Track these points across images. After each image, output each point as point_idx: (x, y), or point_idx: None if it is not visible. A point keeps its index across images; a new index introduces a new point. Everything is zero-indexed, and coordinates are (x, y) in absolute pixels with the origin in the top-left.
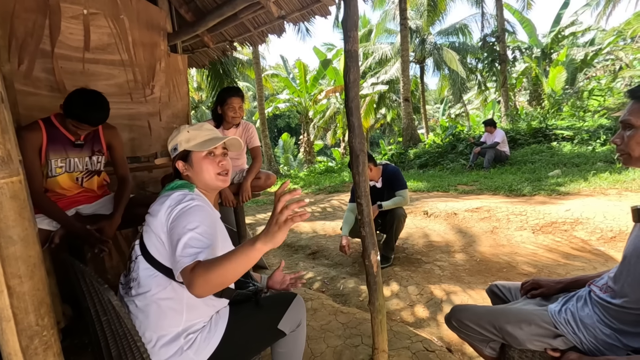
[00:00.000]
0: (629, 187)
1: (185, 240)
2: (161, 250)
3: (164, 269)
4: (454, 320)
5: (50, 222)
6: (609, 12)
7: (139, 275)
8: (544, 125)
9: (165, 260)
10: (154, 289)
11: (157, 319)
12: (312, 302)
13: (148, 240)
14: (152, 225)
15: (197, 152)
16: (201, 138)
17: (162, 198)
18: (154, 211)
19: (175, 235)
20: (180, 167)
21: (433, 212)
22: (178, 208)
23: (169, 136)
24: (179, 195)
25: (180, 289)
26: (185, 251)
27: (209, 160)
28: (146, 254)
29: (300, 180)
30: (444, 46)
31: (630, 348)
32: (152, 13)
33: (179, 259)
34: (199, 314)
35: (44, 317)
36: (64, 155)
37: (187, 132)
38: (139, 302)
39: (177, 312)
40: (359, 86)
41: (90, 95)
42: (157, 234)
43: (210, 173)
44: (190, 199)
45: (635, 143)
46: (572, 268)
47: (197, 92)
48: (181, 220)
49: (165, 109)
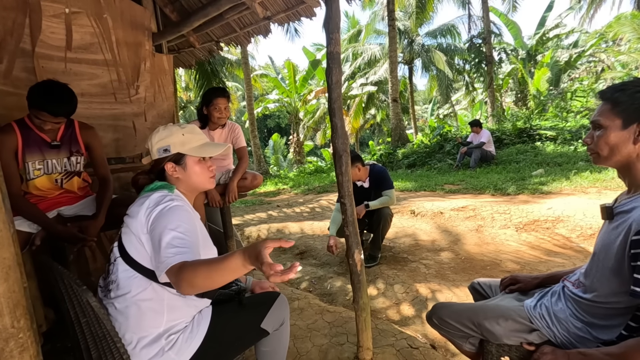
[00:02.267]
0: (608, 186)
1: (168, 240)
2: (141, 251)
3: (144, 270)
4: (435, 318)
5: (30, 224)
6: (592, 15)
7: (118, 277)
8: (528, 126)
9: (146, 261)
10: (134, 290)
11: (137, 320)
12: (298, 301)
13: (127, 241)
14: (132, 226)
15: (191, 156)
16: (196, 142)
17: (142, 199)
18: (132, 212)
19: (157, 235)
20: (170, 168)
21: (420, 212)
22: (158, 209)
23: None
24: (158, 197)
25: (160, 289)
26: (169, 251)
27: (202, 165)
28: (125, 255)
29: (289, 180)
30: (432, 47)
31: (600, 340)
32: (136, 12)
33: (164, 259)
34: (181, 314)
35: (20, 319)
36: (40, 157)
37: (182, 135)
38: (118, 304)
39: (158, 312)
40: (341, 87)
41: (53, 84)
42: (136, 235)
43: (203, 177)
44: (170, 200)
45: (604, 143)
46: (553, 264)
47: (186, 92)
48: (162, 221)
49: (150, 110)
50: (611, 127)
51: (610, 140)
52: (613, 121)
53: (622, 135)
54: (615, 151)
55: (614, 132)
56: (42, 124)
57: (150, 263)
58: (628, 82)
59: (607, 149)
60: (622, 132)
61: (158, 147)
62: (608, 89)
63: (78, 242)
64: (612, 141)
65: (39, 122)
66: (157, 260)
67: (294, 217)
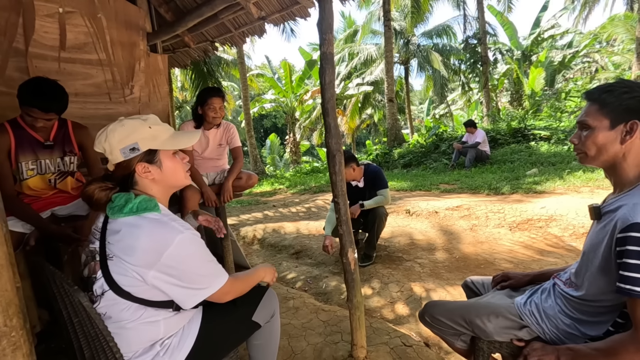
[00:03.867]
0: (600, 185)
1: (202, 272)
2: (139, 285)
3: (140, 300)
4: (427, 316)
5: (24, 224)
6: (586, 16)
7: (108, 310)
8: (523, 126)
9: (145, 294)
10: (129, 319)
11: (133, 339)
12: (293, 300)
13: (119, 275)
14: (127, 262)
15: (164, 151)
16: (166, 134)
17: (130, 229)
18: (125, 248)
19: (186, 278)
20: (141, 170)
21: (415, 211)
22: (169, 253)
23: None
24: (156, 228)
25: (156, 311)
26: (207, 279)
27: (176, 160)
28: (116, 288)
29: (286, 180)
30: (427, 48)
31: (588, 336)
32: (130, 12)
33: (206, 286)
34: (177, 324)
35: (12, 318)
36: (34, 157)
37: (148, 128)
38: (110, 329)
39: (155, 329)
40: (335, 87)
41: (42, 80)
42: (136, 271)
43: (180, 173)
44: (174, 232)
45: (592, 143)
46: (546, 263)
47: (182, 92)
48: (185, 267)
49: (145, 110)
50: (599, 127)
51: (598, 140)
52: (601, 122)
53: (610, 136)
54: (602, 151)
55: (602, 133)
56: (33, 121)
57: (148, 294)
58: (615, 82)
59: (595, 149)
60: (609, 133)
61: (122, 147)
62: (595, 90)
63: (72, 242)
64: (600, 141)
65: (31, 119)
66: (187, 292)
67: (290, 217)
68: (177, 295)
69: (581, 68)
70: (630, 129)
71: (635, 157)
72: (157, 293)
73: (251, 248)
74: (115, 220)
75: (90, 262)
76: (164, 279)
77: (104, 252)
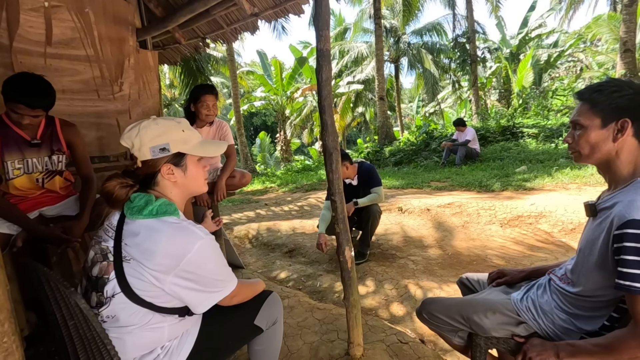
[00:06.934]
0: (587, 182)
1: (217, 277)
2: (155, 292)
3: (149, 305)
4: (425, 313)
5: (10, 225)
6: (571, 16)
7: (117, 314)
8: (511, 124)
9: (157, 299)
10: (137, 323)
11: (137, 344)
12: (288, 299)
13: (134, 278)
14: (145, 266)
15: (191, 156)
16: (196, 139)
17: (150, 232)
18: (145, 252)
19: (202, 282)
20: (166, 171)
21: (407, 209)
22: (189, 259)
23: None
24: (176, 233)
25: (162, 316)
26: (222, 283)
27: (200, 166)
28: (129, 292)
29: (277, 178)
30: (418, 46)
31: (584, 331)
32: (119, 7)
33: (220, 289)
34: (180, 329)
35: (3, 323)
36: (20, 156)
37: (182, 131)
38: (114, 333)
39: (159, 334)
40: (331, 85)
41: (27, 75)
42: (154, 276)
43: (201, 180)
44: (195, 238)
45: (585, 142)
46: (536, 259)
47: (170, 90)
48: (203, 272)
49: (135, 107)
50: (591, 126)
51: (591, 139)
52: (592, 120)
53: (602, 134)
54: (595, 149)
55: (594, 131)
56: (19, 118)
57: (161, 300)
58: (604, 82)
59: (588, 148)
60: (601, 131)
61: (152, 146)
62: (586, 90)
63: (62, 243)
64: (593, 140)
65: (17, 116)
66: (202, 296)
67: (282, 216)
68: (192, 300)
69: (567, 67)
70: (622, 127)
71: (627, 155)
72: (170, 299)
73: (244, 247)
74: (133, 221)
75: (101, 260)
76: (182, 284)
77: (119, 253)
